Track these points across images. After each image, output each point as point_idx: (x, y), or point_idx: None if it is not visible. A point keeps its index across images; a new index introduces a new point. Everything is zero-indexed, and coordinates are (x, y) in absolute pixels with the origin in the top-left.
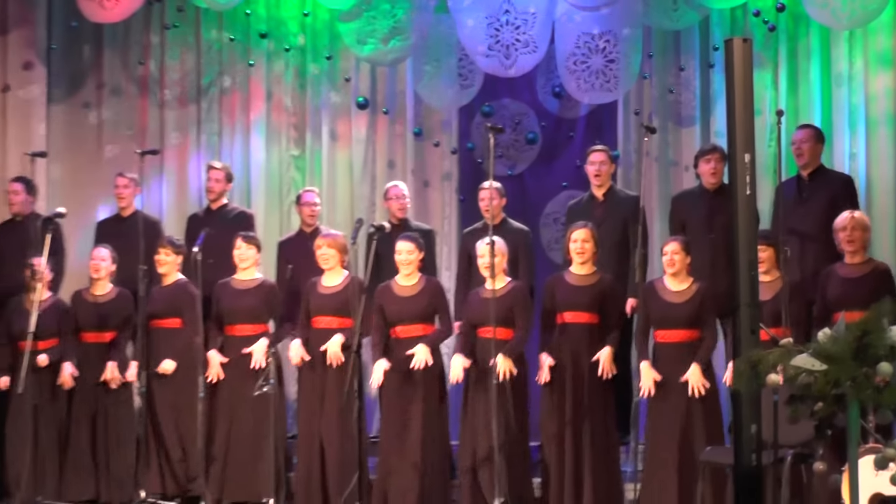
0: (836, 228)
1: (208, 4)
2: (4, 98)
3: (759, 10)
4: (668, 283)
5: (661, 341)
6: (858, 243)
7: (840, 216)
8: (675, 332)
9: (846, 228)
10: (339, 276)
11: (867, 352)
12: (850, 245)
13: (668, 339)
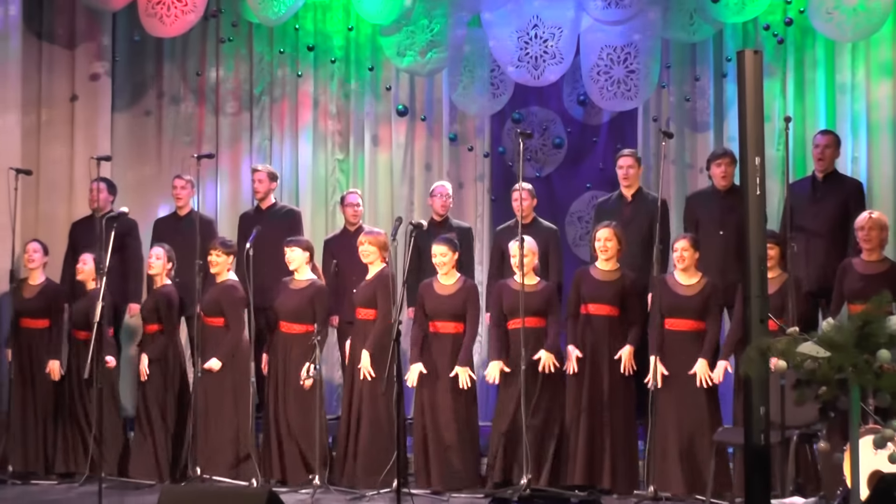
0: (855, 227)
1: (260, 20)
2: (73, 107)
3: (768, 24)
4: (679, 276)
5: (669, 329)
6: (875, 241)
7: (860, 216)
8: (683, 321)
9: (864, 228)
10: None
11: (868, 340)
12: (866, 243)
13: (676, 328)
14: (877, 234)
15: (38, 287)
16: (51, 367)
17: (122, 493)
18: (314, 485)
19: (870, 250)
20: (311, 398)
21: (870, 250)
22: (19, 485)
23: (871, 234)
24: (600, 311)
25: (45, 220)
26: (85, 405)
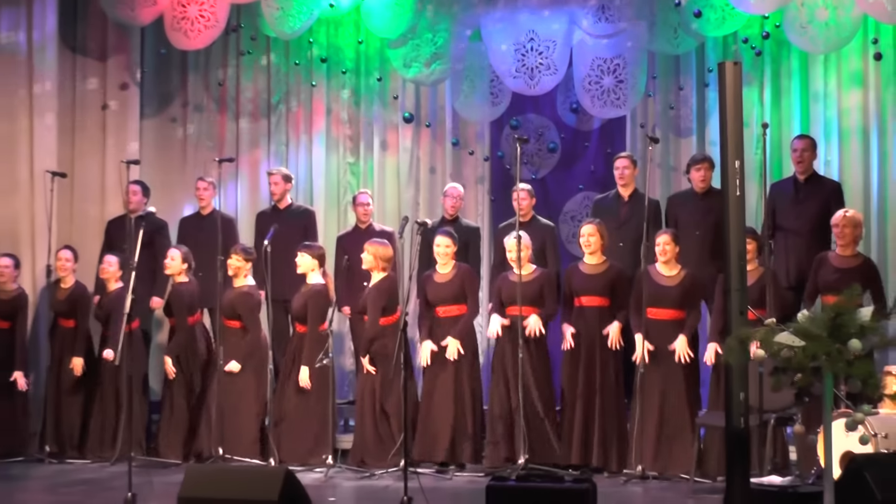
0: (832, 223)
1: (277, 34)
2: (104, 115)
3: (747, 38)
4: (660, 268)
5: (651, 318)
6: (849, 237)
7: (836, 213)
8: (664, 310)
9: (839, 224)
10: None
11: (840, 330)
12: (841, 239)
13: (658, 317)
14: (851, 230)
15: (68, 290)
16: (73, 363)
17: (150, 472)
18: (327, 464)
19: (844, 246)
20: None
21: (844, 246)
22: (55, 464)
23: (845, 230)
24: (592, 303)
25: (78, 219)
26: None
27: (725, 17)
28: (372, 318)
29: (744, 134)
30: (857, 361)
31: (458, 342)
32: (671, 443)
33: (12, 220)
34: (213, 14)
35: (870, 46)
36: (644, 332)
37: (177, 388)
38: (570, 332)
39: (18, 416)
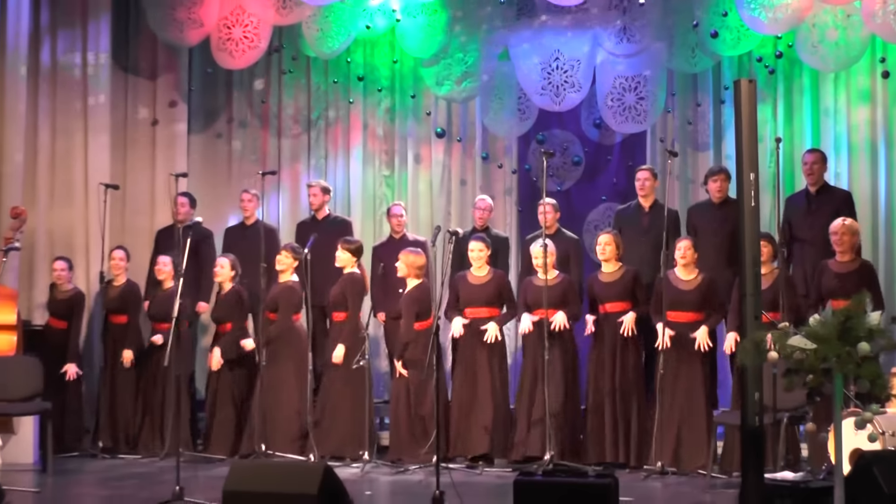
0: (830, 232)
1: (316, 54)
2: (154, 130)
3: (761, 57)
4: (680, 273)
5: (672, 320)
6: (847, 245)
7: (834, 222)
8: (683, 313)
9: (837, 233)
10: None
11: (850, 334)
12: (839, 246)
13: (677, 319)
14: (849, 238)
15: (120, 288)
16: (124, 356)
17: (197, 467)
18: (364, 459)
19: (843, 252)
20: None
21: (843, 252)
22: (108, 458)
23: (844, 238)
24: (614, 309)
25: (129, 228)
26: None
27: (740, 37)
28: (406, 324)
29: (758, 148)
30: (866, 363)
31: (497, 327)
32: (689, 440)
33: (68, 229)
34: (257, 35)
35: (878, 65)
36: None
37: (222, 388)
38: (592, 320)
39: (74, 413)
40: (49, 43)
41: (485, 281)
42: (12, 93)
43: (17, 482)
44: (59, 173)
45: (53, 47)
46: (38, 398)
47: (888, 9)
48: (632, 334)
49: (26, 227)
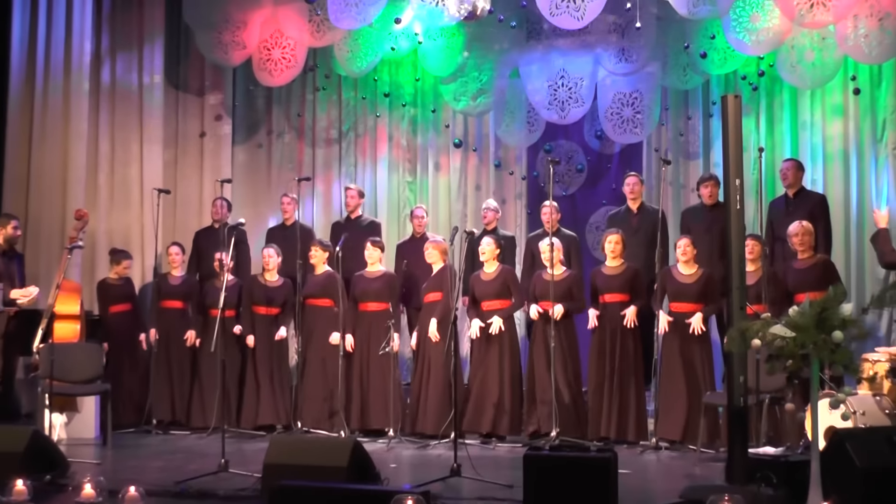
0: (789, 234)
1: (347, 73)
2: (202, 141)
3: (745, 75)
4: (681, 268)
5: (673, 311)
6: (806, 244)
7: (792, 225)
8: (685, 304)
9: (798, 234)
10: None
11: (825, 323)
12: (800, 246)
13: (679, 310)
14: (808, 238)
15: (180, 278)
16: (189, 335)
17: (241, 441)
18: (389, 435)
19: (802, 251)
20: (386, 366)
21: (802, 251)
22: (161, 434)
23: (804, 238)
24: (614, 299)
25: (180, 228)
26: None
27: (727, 58)
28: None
29: (743, 156)
30: (839, 350)
31: (500, 320)
32: (683, 419)
33: (126, 229)
34: (294, 56)
35: (849, 83)
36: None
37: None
38: (595, 314)
39: (132, 393)
40: (109, 64)
41: (494, 276)
42: (76, 109)
43: (80, 454)
44: (117, 179)
45: (113, 68)
46: (99, 380)
47: (858, 33)
48: (633, 325)
49: (88, 227)
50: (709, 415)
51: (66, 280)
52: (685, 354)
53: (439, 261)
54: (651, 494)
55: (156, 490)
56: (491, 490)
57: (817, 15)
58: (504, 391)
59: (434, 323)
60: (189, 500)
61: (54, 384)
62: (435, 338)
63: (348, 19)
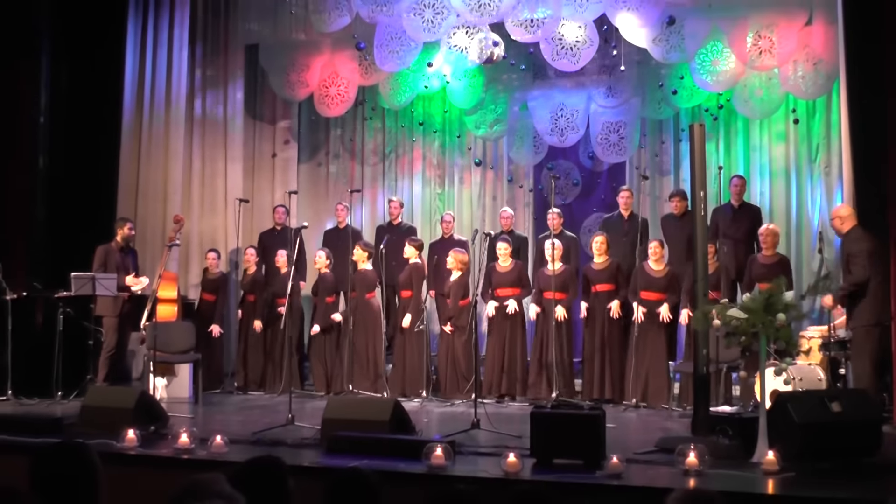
0: (759, 234)
1: (389, 106)
2: (274, 161)
3: (708, 108)
4: (652, 265)
5: (644, 298)
6: (770, 243)
7: (762, 227)
8: (654, 293)
9: (764, 234)
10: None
11: (771, 307)
12: (765, 244)
13: (649, 298)
14: (772, 238)
15: (251, 276)
16: (255, 325)
17: (303, 400)
18: (422, 397)
19: (767, 248)
20: (420, 342)
21: (767, 248)
22: (241, 395)
23: (768, 238)
24: (602, 288)
25: (256, 230)
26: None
27: (693, 94)
28: (453, 302)
29: (706, 173)
30: (783, 329)
31: (515, 303)
32: (656, 383)
33: (213, 231)
34: (347, 93)
35: (790, 115)
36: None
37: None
38: (585, 307)
39: (218, 362)
40: (200, 99)
41: (508, 269)
42: (175, 134)
43: (177, 410)
44: (206, 191)
45: (203, 102)
46: (192, 351)
47: (797, 74)
48: (617, 314)
49: (183, 229)
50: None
51: (166, 271)
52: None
53: (456, 269)
54: (632, 444)
55: (237, 439)
56: (504, 440)
57: (765, 60)
58: (515, 361)
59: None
60: (263, 447)
61: (157, 354)
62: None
63: (391, 63)
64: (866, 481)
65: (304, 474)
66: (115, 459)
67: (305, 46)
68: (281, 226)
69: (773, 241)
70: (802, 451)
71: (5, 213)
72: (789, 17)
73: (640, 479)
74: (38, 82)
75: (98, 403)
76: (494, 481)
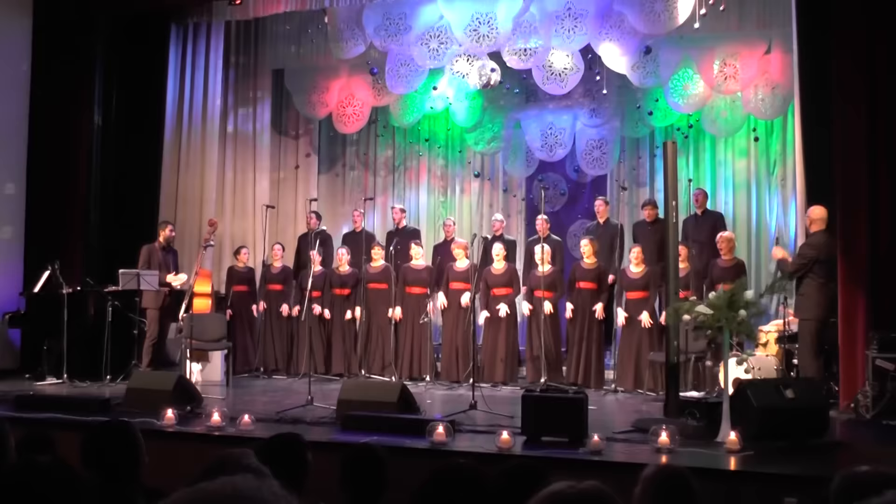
0: (717, 240)
1: (399, 124)
2: (297, 172)
3: (679, 127)
4: (632, 268)
5: (628, 298)
6: (727, 248)
7: (720, 234)
8: (635, 293)
9: (722, 240)
10: (465, 263)
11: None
12: (723, 249)
13: (631, 297)
14: (727, 244)
15: (280, 268)
16: (284, 309)
17: (322, 383)
18: (426, 380)
19: (725, 253)
20: (425, 331)
21: (725, 253)
22: (266, 378)
23: (724, 244)
24: (587, 286)
25: (281, 233)
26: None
27: (666, 115)
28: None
29: (678, 185)
30: (743, 323)
31: (506, 306)
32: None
33: (243, 233)
34: (361, 112)
35: (751, 133)
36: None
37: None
38: (570, 308)
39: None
40: (233, 117)
41: (502, 271)
42: (210, 148)
43: (210, 392)
44: (237, 198)
45: (235, 119)
46: (224, 339)
47: (758, 97)
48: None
49: (217, 231)
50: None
51: (201, 269)
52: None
53: (463, 256)
54: (612, 424)
55: (262, 417)
56: (498, 419)
57: (729, 85)
58: (508, 350)
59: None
60: (285, 424)
61: (193, 342)
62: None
63: (400, 86)
64: (815, 459)
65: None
66: (155, 436)
67: (325, 71)
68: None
69: (730, 247)
70: (760, 432)
71: (65, 217)
72: (751, 47)
73: (618, 455)
74: (93, 105)
75: (141, 386)
76: (489, 456)
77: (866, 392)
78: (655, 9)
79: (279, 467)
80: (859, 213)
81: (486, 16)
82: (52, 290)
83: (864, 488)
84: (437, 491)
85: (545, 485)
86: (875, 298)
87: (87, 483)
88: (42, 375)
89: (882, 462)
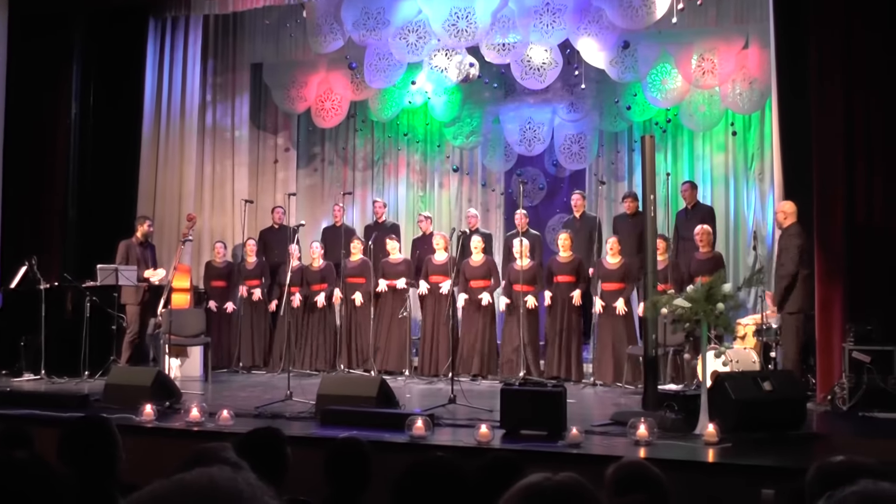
0: (694, 234)
1: (377, 118)
2: (276, 166)
3: (658, 122)
4: (609, 259)
5: (603, 289)
6: (705, 241)
7: (697, 227)
8: (611, 283)
9: (699, 234)
10: (443, 256)
11: (712, 297)
12: (701, 243)
13: (607, 288)
14: (706, 237)
15: (254, 263)
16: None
17: (301, 378)
18: (405, 374)
19: (703, 246)
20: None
21: (703, 246)
22: (245, 373)
23: (703, 237)
24: (564, 280)
25: (259, 227)
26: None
27: (644, 109)
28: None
29: (656, 179)
30: (721, 316)
31: (489, 296)
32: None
33: (222, 228)
34: (340, 107)
35: (729, 128)
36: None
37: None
38: (549, 296)
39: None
40: (211, 111)
41: (480, 264)
42: (188, 143)
43: (189, 388)
44: (216, 193)
45: (214, 114)
46: (203, 335)
47: (735, 92)
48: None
49: (196, 226)
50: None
51: (180, 264)
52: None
53: (442, 249)
54: (590, 418)
55: (241, 412)
56: (477, 413)
57: (707, 80)
58: (486, 344)
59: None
60: (264, 419)
61: (172, 338)
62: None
63: (379, 81)
64: (792, 450)
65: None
66: (134, 431)
67: (304, 65)
68: (279, 224)
69: (707, 240)
70: (738, 424)
71: (42, 213)
72: (729, 43)
73: (596, 448)
74: (70, 99)
75: (120, 382)
76: (469, 449)
77: (843, 384)
78: (633, 4)
79: (258, 462)
80: (836, 206)
81: (465, 10)
82: (30, 286)
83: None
84: (415, 484)
85: (522, 477)
86: (851, 291)
87: (64, 479)
88: (19, 371)
89: (858, 453)
